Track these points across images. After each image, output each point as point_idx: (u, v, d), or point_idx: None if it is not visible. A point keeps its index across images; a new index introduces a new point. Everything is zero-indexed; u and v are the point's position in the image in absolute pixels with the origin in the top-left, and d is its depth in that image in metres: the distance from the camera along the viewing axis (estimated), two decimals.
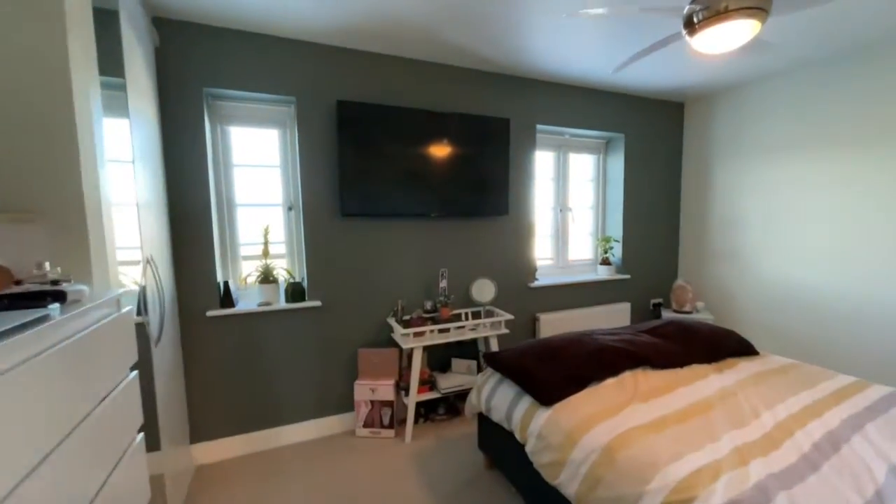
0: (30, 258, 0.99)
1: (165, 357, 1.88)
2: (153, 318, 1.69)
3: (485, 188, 2.87)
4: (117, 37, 1.56)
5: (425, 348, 2.73)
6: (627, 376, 1.80)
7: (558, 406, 1.62)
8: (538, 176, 3.28)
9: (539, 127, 3.18)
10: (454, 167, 2.74)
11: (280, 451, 2.48)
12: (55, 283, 0.88)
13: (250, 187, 2.59)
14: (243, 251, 2.61)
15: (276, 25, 2.23)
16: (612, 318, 3.51)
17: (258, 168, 2.60)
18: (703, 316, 3.48)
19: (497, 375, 2.00)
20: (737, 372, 1.93)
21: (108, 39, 1.53)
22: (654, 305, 3.85)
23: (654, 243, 3.80)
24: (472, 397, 2.09)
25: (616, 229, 3.66)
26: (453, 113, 2.71)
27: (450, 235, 2.90)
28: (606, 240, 3.61)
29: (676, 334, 2.14)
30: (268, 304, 2.46)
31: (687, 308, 3.52)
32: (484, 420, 2.06)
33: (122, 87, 1.61)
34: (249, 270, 2.59)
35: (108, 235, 1.31)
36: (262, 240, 2.50)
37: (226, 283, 2.38)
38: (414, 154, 2.63)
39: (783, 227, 3.12)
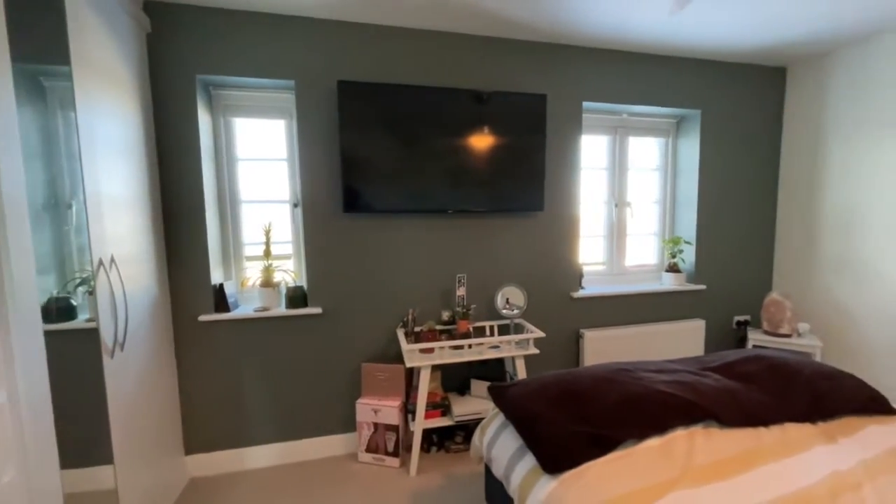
0: None
1: (134, 365, 1.72)
2: (107, 325, 1.52)
3: (514, 179, 2.41)
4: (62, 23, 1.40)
5: (439, 367, 2.36)
6: (679, 437, 1.26)
7: (568, 477, 1.14)
8: (586, 164, 2.74)
9: (587, 105, 2.63)
10: (475, 154, 2.32)
11: (276, 469, 2.26)
12: None
13: (257, 182, 2.41)
14: (248, 251, 2.44)
15: (269, 1, 2.00)
16: (681, 338, 2.86)
17: (264, 162, 2.40)
18: (808, 342, 2.69)
19: (502, 416, 1.56)
20: (859, 443, 1.29)
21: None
22: (739, 324, 3.10)
23: (740, 246, 3.05)
24: (476, 437, 1.67)
25: (688, 229, 2.98)
26: (472, 90, 2.30)
27: (471, 235, 2.49)
28: (675, 241, 2.94)
29: (763, 375, 1.51)
30: (265, 309, 2.25)
31: (784, 330, 2.74)
32: (489, 469, 1.63)
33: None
34: (255, 272, 2.41)
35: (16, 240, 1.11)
36: (264, 239, 2.30)
37: (220, 286, 2.21)
38: (427, 139, 2.26)
39: None
